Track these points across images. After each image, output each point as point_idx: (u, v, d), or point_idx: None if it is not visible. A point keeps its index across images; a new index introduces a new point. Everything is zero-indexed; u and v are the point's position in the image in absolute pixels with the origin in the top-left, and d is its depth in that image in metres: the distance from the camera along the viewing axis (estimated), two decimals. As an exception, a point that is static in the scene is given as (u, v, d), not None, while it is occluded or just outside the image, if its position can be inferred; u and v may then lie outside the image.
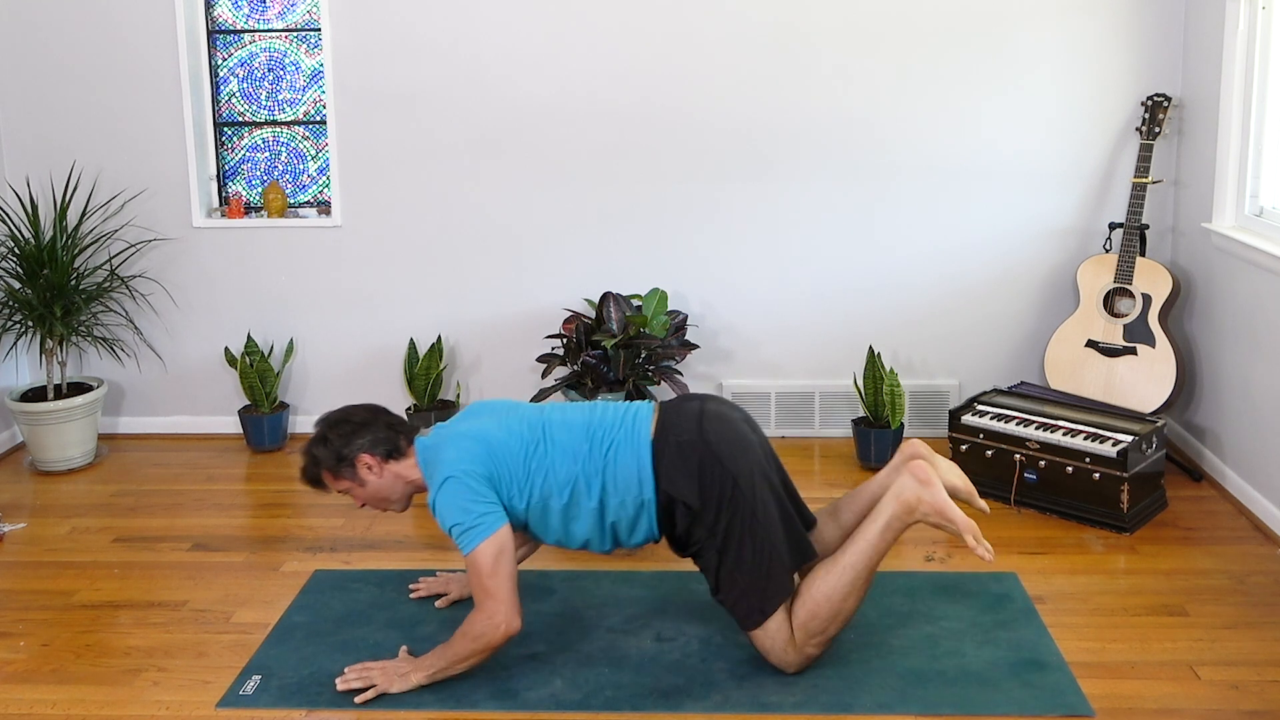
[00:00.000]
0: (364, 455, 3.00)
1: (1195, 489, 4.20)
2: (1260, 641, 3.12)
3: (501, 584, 2.83)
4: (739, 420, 3.03)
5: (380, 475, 3.02)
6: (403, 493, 3.07)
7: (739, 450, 2.93)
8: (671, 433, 2.95)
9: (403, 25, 4.63)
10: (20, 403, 4.55)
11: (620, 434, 2.97)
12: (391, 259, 4.83)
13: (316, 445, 3.03)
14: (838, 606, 2.89)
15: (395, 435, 3.04)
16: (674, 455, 2.92)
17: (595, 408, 3.08)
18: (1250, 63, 4.05)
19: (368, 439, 3.01)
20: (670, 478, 2.92)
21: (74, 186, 4.73)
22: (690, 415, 2.98)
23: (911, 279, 4.73)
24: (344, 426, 3.03)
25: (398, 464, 3.03)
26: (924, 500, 2.90)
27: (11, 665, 3.13)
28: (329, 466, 3.02)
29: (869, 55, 4.56)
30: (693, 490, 2.90)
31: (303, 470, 3.08)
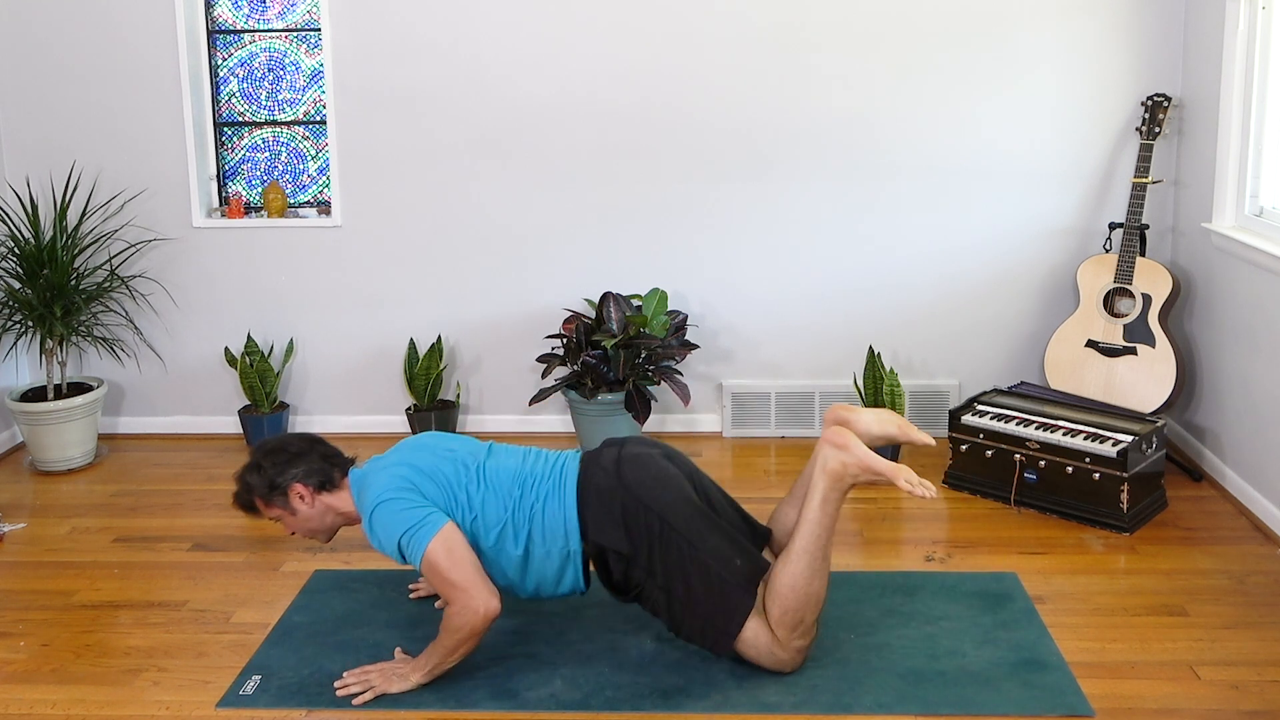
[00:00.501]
0: (297, 485, 3.02)
1: (1195, 489, 4.20)
2: (1260, 641, 3.12)
3: (463, 574, 2.83)
4: (657, 456, 3.04)
5: (312, 505, 3.04)
6: (331, 524, 3.09)
7: (660, 486, 2.95)
8: (592, 482, 2.97)
9: (403, 25, 4.63)
10: (20, 403, 4.55)
11: (549, 484, 3.00)
12: (391, 259, 4.83)
13: (250, 472, 3.05)
14: (804, 592, 2.88)
15: (329, 467, 3.06)
16: (597, 504, 2.94)
17: (528, 455, 3.11)
18: (1250, 63, 4.05)
19: (302, 469, 3.03)
20: (598, 527, 2.93)
21: (74, 186, 4.73)
22: (608, 462, 3.00)
23: (911, 279, 4.73)
24: (279, 455, 3.05)
25: (330, 495, 3.05)
26: (846, 464, 2.89)
27: (11, 665, 3.13)
28: (261, 494, 3.04)
29: (869, 55, 4.56)
30: (620, 536, 2.92)
31: (235, 495, 3.10)
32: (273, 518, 3.09)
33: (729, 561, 2.90)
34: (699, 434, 4.87)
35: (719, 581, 2.88)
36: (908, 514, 4.04)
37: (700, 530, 2.91)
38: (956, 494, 4.19)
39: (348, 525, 3.12)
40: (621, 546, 2.92)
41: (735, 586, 2.89)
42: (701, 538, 2.90)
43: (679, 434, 4.86)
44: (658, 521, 2.90)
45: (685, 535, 2.90)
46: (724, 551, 2.91)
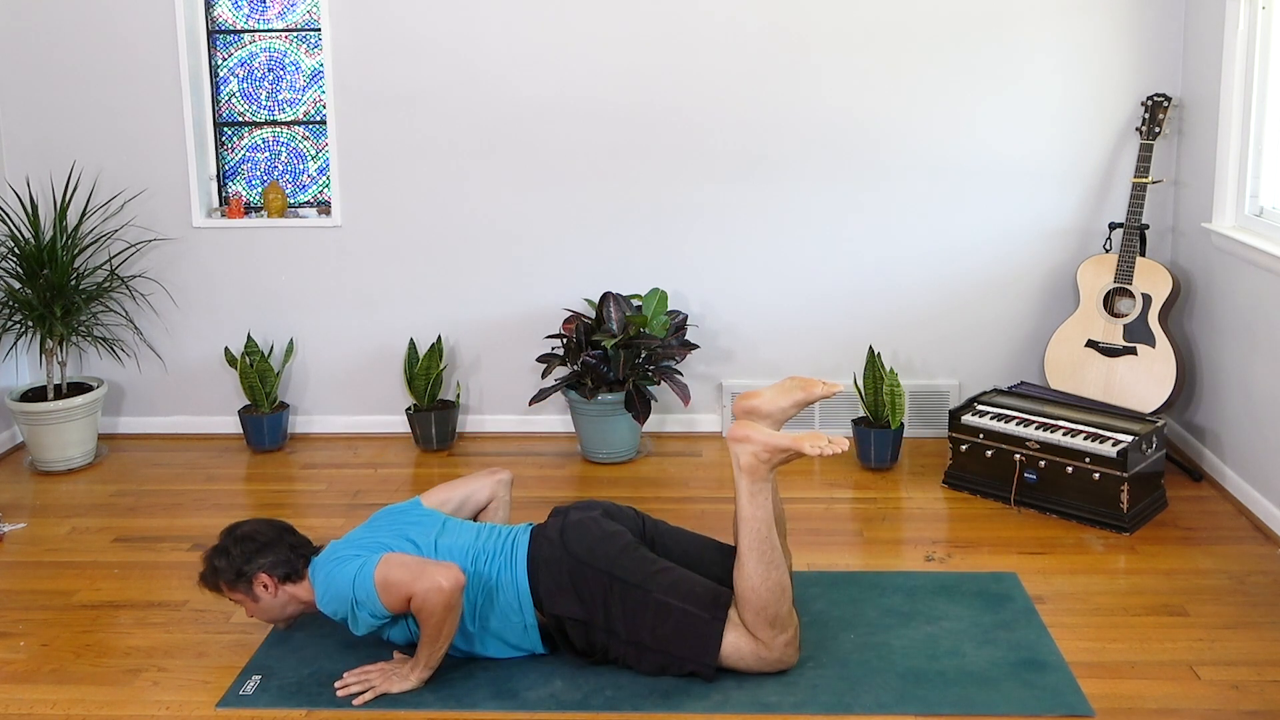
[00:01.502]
0: (262, 575, 3.04)
1: (1195, 489, 4.20)
2: (1260, 641, 3.12)
3: (414, 568, 2.85)
4: (598, 517, 3.06)
5: (274, 595, 3.06)
6: (293, 612, 3.12)
7: (604, 544, 2.97)
8: (540, 555, 3.00)
9: (403, 25, 4.63)
10: (20, 403, 4.55)
11: (501, 560, 3.02)
12: (391, 259, 4.83)
13: (218, 556, 3.08)
14: (765, 587, 2.88)
15: (296, 558, 3.08)
16: (546, 576, 2.97)
17: (480, 531, 3.13)
18: (1250, 63, 4.05)
19: (269, 559, 3.05)
20: (550, 598, 2.96)
21: (74, 186, 4.73)
22: (553, 532, 3.03)
23: (911, 279, 4.73)
24: (248, 544, 3.07)
25: (293, 586, 3.07)
26: (755, 454, 2.89)
27: (11, 665, 3.13)
28: (227, 580, 3.07)
29: (869, 55, 4.56)
30: (573, 603, 2.94)
31: (201, 575, 3.12)
32: (234, 600, 3.12)
33: (689, 592, 2.92)
34: (699, 434, 4.87)
35: (683, 614, 2.89)
36: (908, 514, 4.04)
37: (650, 573, 2.94)
38: (956, 494, 4.19)
39: (309, 613, 3.14)
40: (576, 613, 2.94)
41: (701, 614, 2.90)
42: (653, 579, 2.93)
43: (679, 434, 4.86)
44: (606, 579, 2.93)
45: (637, 583, 2.92)
46: (681, 584, 2.93)
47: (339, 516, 4.08)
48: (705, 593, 2.93)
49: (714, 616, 2.90)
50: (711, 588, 2.95)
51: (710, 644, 2.90)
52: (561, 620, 2.97)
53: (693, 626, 2.89)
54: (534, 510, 4.05)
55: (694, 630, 2.90)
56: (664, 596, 2.90)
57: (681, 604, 2.90)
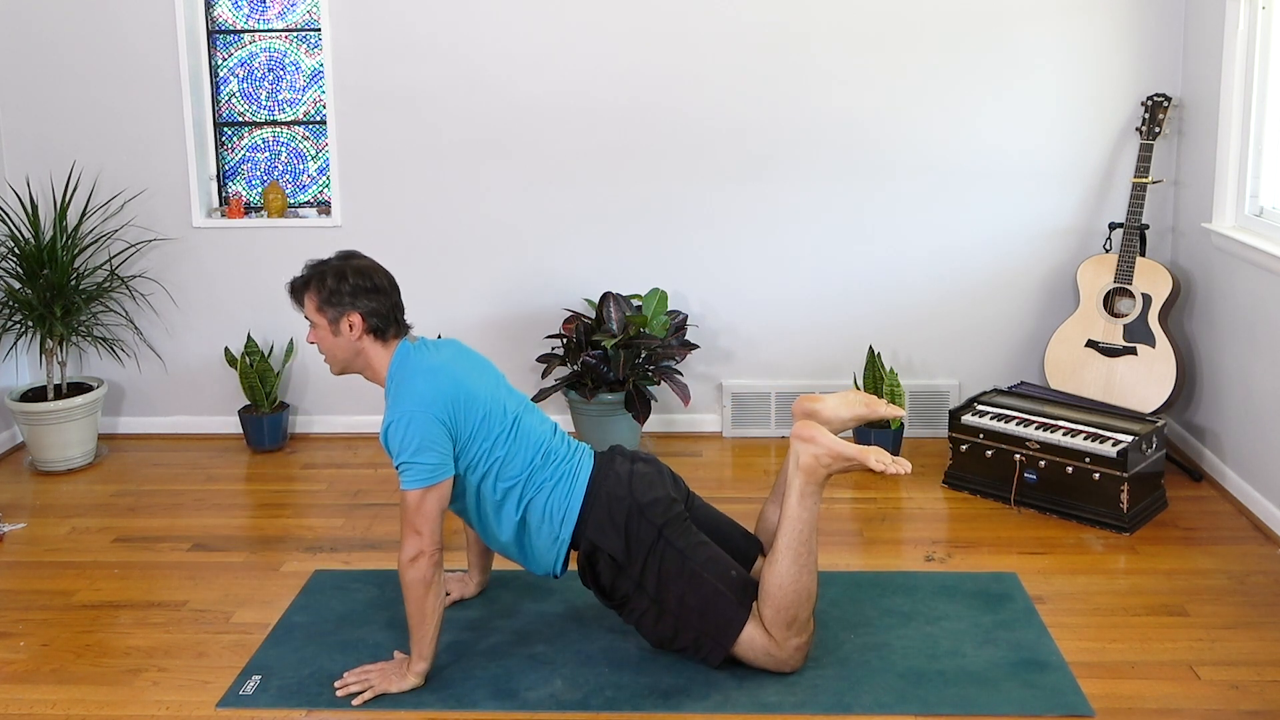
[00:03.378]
0: (355, 314, 2.95)
1: (1195, 489, 4.20)
2: (1260, 641, 3.12)
3: (427, 523, 2.85)
4: (665, 479, 3.06)
5: (356, 340, 2.97)
6: (356, 365, 3.02)
7: (663, 504, 2.97)
8: (604, 486, 2.99)
9: (403, 25, 4.63)
10: (20, 403, 4.55)
11: (565, 469, 3.02)
12: (392, 259, 4.76)
13: (330, 274, 2.97)
14: (793, 589, 2.88)
15: (391, 321, 2.99)
16: (604, 507, 2.96)
17: (555, 430, 3.12)
18: (1250, 63, 4.05)
19: (372, 305, 2.96)
20: (598, 528, 2.95)
21: (74, 186, 4.73)
22: (623, 472, 3.02)
23: (911, 279, 4.73)
24: (363, 279, 2.97)
25: (374, 344, 2.99)
26: (818, 455, 2.90)
27: (11, 665, 3.13)
28: (323, 298, 2.96)
29: (868, 55, 4.56)
30: (619, 544, 2.93)
31: (300, 278, 3.01)
32: (308, 317, 3.00)
33: (724, 572, 2.93)
34: (699, 434, 4.87)
35: (713, 593, 2.90)
36: (908, 514, 4.04)
37: (695, 545, 2.95)
38: (956, 494, 4.19)
39: (365, 378, 3.05)
40: (617, 553, 2.93)
41: (730, 596, 2.91)
42: (696, 551, 2.94)
43: (679, 434, 4.86)
44: (656, 534, 2.93)
45: (681, 549, 2.92)
46: (718, 561, 2.94)
47: (339, 516, 4.09)
48: (738, 577, 2.94)
49: (741, 603, 2.91)
50: (743, 574, 2.96)
51: (731, 630, 2.90)
52: (596, 553, 2.95)
53: (720, 606, 2.90)
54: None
55: (720, 610, 2.90)
56: (701, 569, 2.91)
57: (715, 581, 2.91)
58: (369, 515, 4.09)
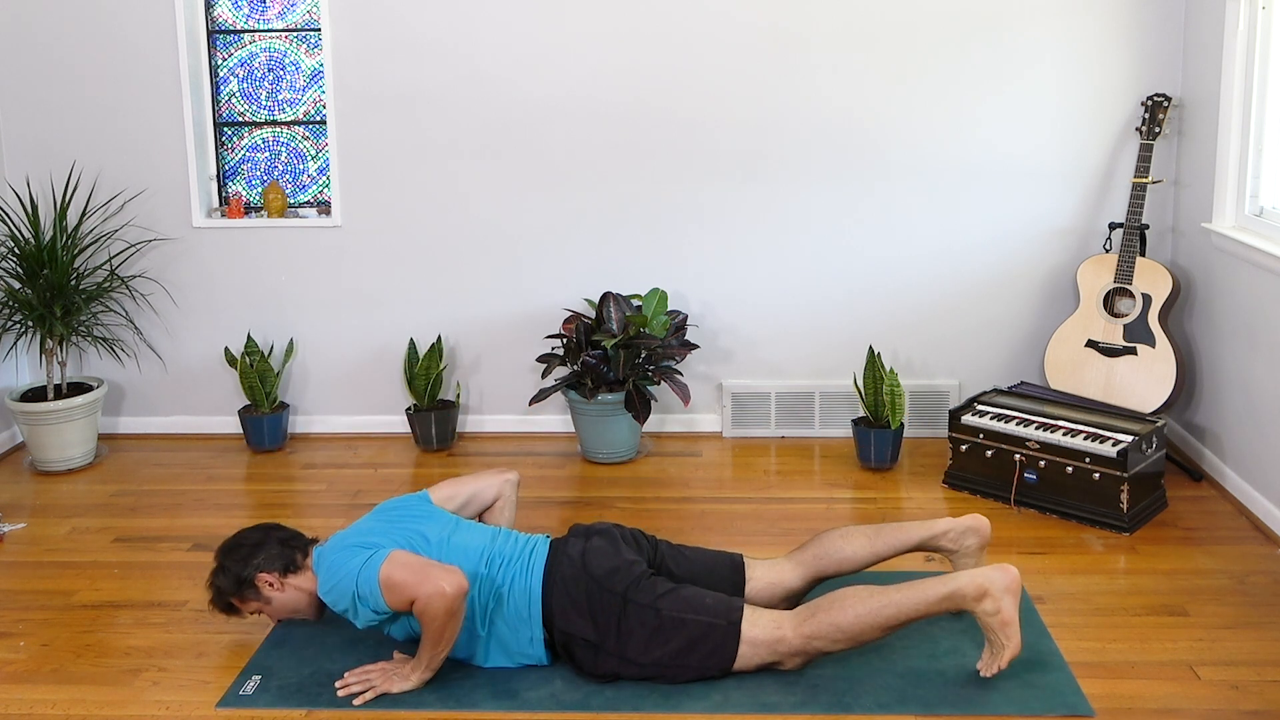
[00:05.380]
0: (262, 574, 3.05)
1: (1195, 489, 4.20)
2: (1260, 641, 3.12)
3: (418, 571, 2.84)
4: (619, 545, 3.06)
5: (282, 590, 3.07)
6: (308, 603, 3.10)
7: (621, 571, 2.97)
8: (559, 571, 2.99)
9: (403, 25, 4.63)
10: (20, 403, 4.55)
11: (517, 567, 3.02)
12: (391, 259, 4.83)
13: (216, 576, 3.10)
14: (857, 633, 2.87)
15: (289, 551, 3.09)
16: (562, 592, 2.96)
17: (497, 535, 3.13)
18: (1250, 63, 4.05)
19: (262, 558, 3.06)
20: (563, 614, 2.95)
21: (74, 186, 4.73)
22: (575, 552, 3.02)
23: (911, 279, 4.73)
24: (238, 552, 3.09)
25: (296, 577, 3.08)
26: (1002, 607, 2.85)
27: (11, 665, 3.13)
28: (233, 592, 3.08)
29: (868, 55, 4.56)
30: (587, 624, 2.94)
31: (211, 602, 3.14)
32: (253, 613, 3.14)
33: (699, 605, 2.92)
34: (699, 434, 4.87)
35: (695, 627, 2.90)
36: (907, 514, 4.04)
37: (662, 595, 2.93)
38: (956, 494, 4.19)
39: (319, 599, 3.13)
40: (588, 634, 2.93)
41: (716, 622, 2.90)
42: (665, 601, 2.92)
43: (679, 434, 4.86)
44: (620, 601, 2.92)
45: (649, 605, 2.92)
46: (690, 600, 2.93)
47: (339, 516, 4.08)
48: (715, 602, 2.93)
49: (730, 622, 2.90)
50: (722, 598, 2.95)
51: (727, 650, 2.90)
52: (571, 640, 2.96)
53: (707, 637, 2.89)
54: (535, 510, 4.06)
55: (709, 640, 2.89)
56: (675, 613, 2.91)
57: (695, 616, 2.90)
58: (369, 515, 4.09)
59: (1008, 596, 2.86)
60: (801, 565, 3.18)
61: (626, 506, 4.14)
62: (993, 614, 2.86)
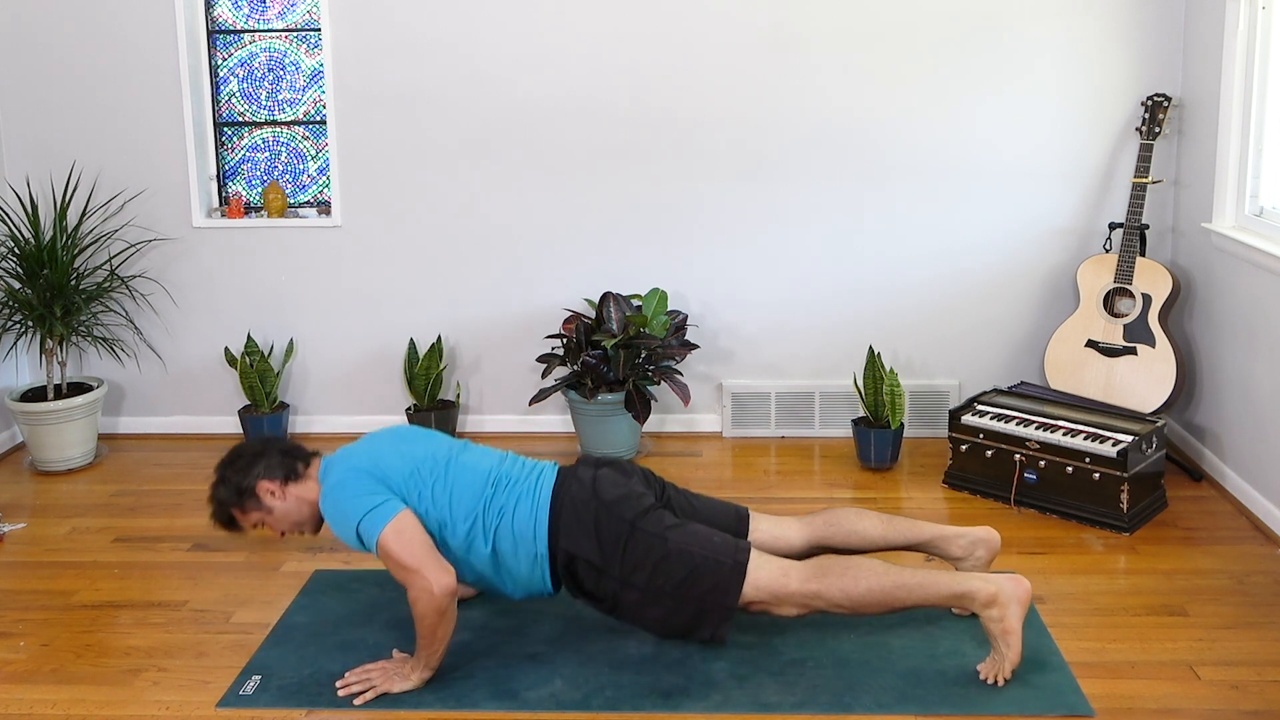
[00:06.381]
0: (263, 482, 3.05)
1: (1195, 489, 4.20)
2: (1260, 641, 3.12)
3: (413, 556, 2.84)
4: (633, 478, 3.08)
5: (284, 499, 3.06)
6: (309, 515, 3.09)
7: (630, 500, 2.98)
8: (568, 493, 3.00)
9: (403, 25, 4.63)
10: (20, 403, 4.55)
11: (523, 488, 3.03)
12: (391, 259, 4.83)
13: (217, 488, 3.10)
14: (862, 605, 2.90)
15: (290, 460, 3.09)
16: (570, 514, 2.97)
17: (504, 458, 3.14)
18: (1250, 63, 4.05)
19: (262, 466, 3.06)
20: (569, 535, 2.96)
21: (74, 186, 4.73)
22: (585, 477, 3.03)
23: (911, 279, 4.73)
24: (239, 462, 3.09)
25: (298, 486, 3.07)
26: (1007, 615, 2.88)
27: (11, 665, 3.13)
28: (234, 503, 3.07)
29: (869, 55, 4.56)
30: (592, 546, 2.94)
31: (212, 515, 3.13)
32: (254, 525, 3.12)
33: (707, 541, 2.93)
34: (699, 434, 4.87)
35: (702, 561, 2.90)
36: (908, 514, 4.04)
37: (670, 527, 2.95)
38: (956, 494, 4.19)
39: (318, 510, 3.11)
40: (593, 557, 2.94)
41: (722, 560, 2.90)
42: (671, 532, 2.94)
43: (679, 434, 4.86)
44: (628, 528, 2.93)
45: (656, 534, 2.93)
46: (699, 535, 2.95)
47: (339, 516, 4.08)
48: (723, 541, 2.94)
49: (736, 561, 2.90)
50: (729, 538, 2.96)
51: (731, 590, 2.89)
52: (574, 561, 2.96)
53: (711, 571, 2.89)
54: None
55: (713, 573, 2.89)
56: (682, 545, 2.91)
57: (702, 551, 2.91)
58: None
59: (1015, 606, 2.88)
60: (809, 529, 3.21)
61: (626, 506, 4.14)
62: (997, 620, 2.89)
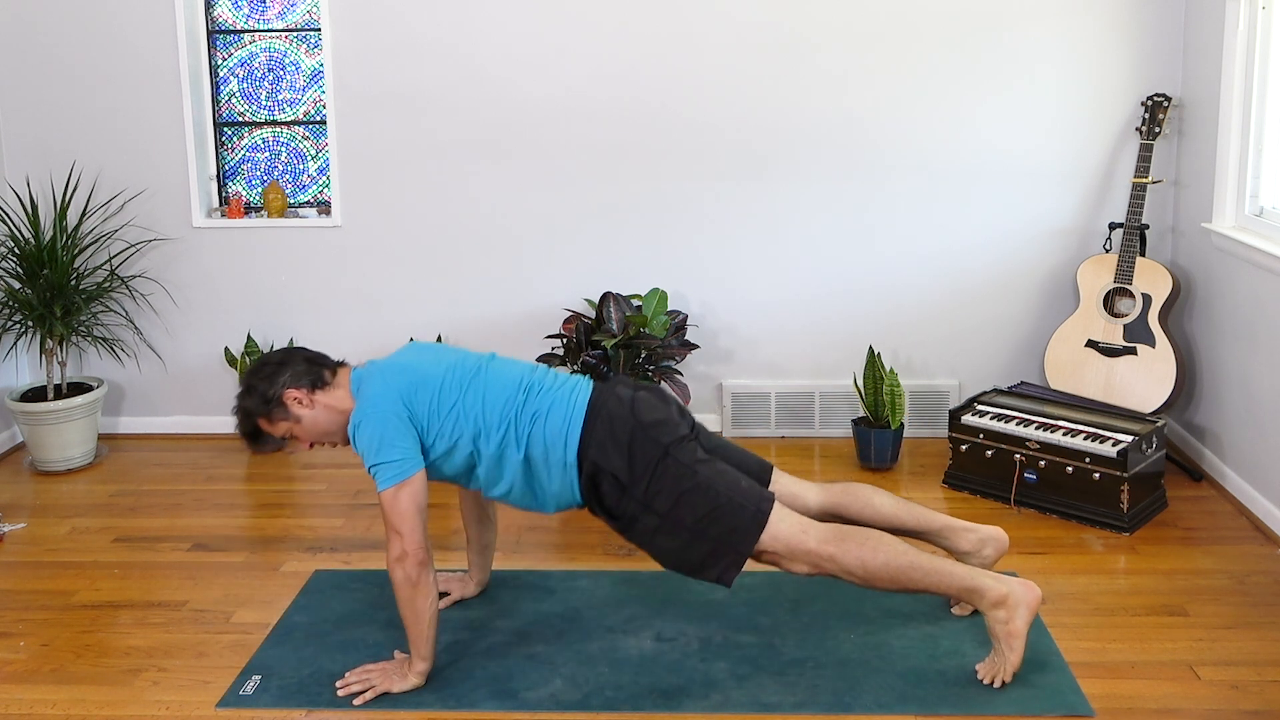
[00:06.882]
0: (290, 390, 2.99)
1: (1195, 489, 4.20)
2: (1260, 641, 3.12)
3: (405, 522, 2.83)
4: (671, 406, 3.06)
5: (311, 407, 3.00)
6: (339, 424, 3.03)
7: (669, 426, 2.96)
8: (605, 406, 2.96)
9: (403, 25, 4.63)
10: (20, 403, 4.55)
11: (557, 395, 2.99)
12: (391, 259, 4.83)
13: (243, 397, 3.03)
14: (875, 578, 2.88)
15: (316, 367, 3.03)
16: (604, 427, 2.93)
17: (537, 368, 3.10)
18: (1250, 63, 4.05)
19: (289, 374, 3.00)
20: (600, 448, 2.92)
21: (74, 186, 4.73)
22: (624, 394, 3.00)
23: (911, 279, 4.73)
24: (264, 369, 3.02)
25: (325, 394, 3.01)
26: (1015, 618, 2.88)
27: (11, 665, 3.13)
28: (260, 412, 3.01)
29: (869, 55, 4.56)
30: (622, 462, 2.90)
31: (239, 428, 3.07)
32: (282, 435, 3.05)
33: (735, 483, 2.92)
34: (699, 434, 4.87)
35: (726, 502, 2.88)
36: (908, 514, 4.04)
37: (702, 461, 2.93)
38: (956, 494, 4.19)
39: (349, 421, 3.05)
40: (621, 474, 2.90)
41: (745, 505, 2.88)
42: (703, 466, 2.92)
43: (679, 434, 4.86)
44: (662, 452, 2.90)
45: (688, 464, 2.90)
46: (728, 475, 2.93)
47: (339, 516, 4.09)
48: (750, 488, 2.93)
49: (759, 510, 2.89)
50: (757, 486, 2.95)
51: (749, 535, 2.88)
52: (599, 474, 2.93)
53: (733, 513, 2.88)
54: (534, 510, 4.06)
55: (734, 516, 2.88)
56: (710, 482, 2.89)
57: (728, 491, 2.89)
58: (369, 515, 4.09)
59: (1024, 610, 2.88)
60: (827, 495, 3.19)
61: (626, 506, 4.14)
62: (1003, 622, 2.88)
